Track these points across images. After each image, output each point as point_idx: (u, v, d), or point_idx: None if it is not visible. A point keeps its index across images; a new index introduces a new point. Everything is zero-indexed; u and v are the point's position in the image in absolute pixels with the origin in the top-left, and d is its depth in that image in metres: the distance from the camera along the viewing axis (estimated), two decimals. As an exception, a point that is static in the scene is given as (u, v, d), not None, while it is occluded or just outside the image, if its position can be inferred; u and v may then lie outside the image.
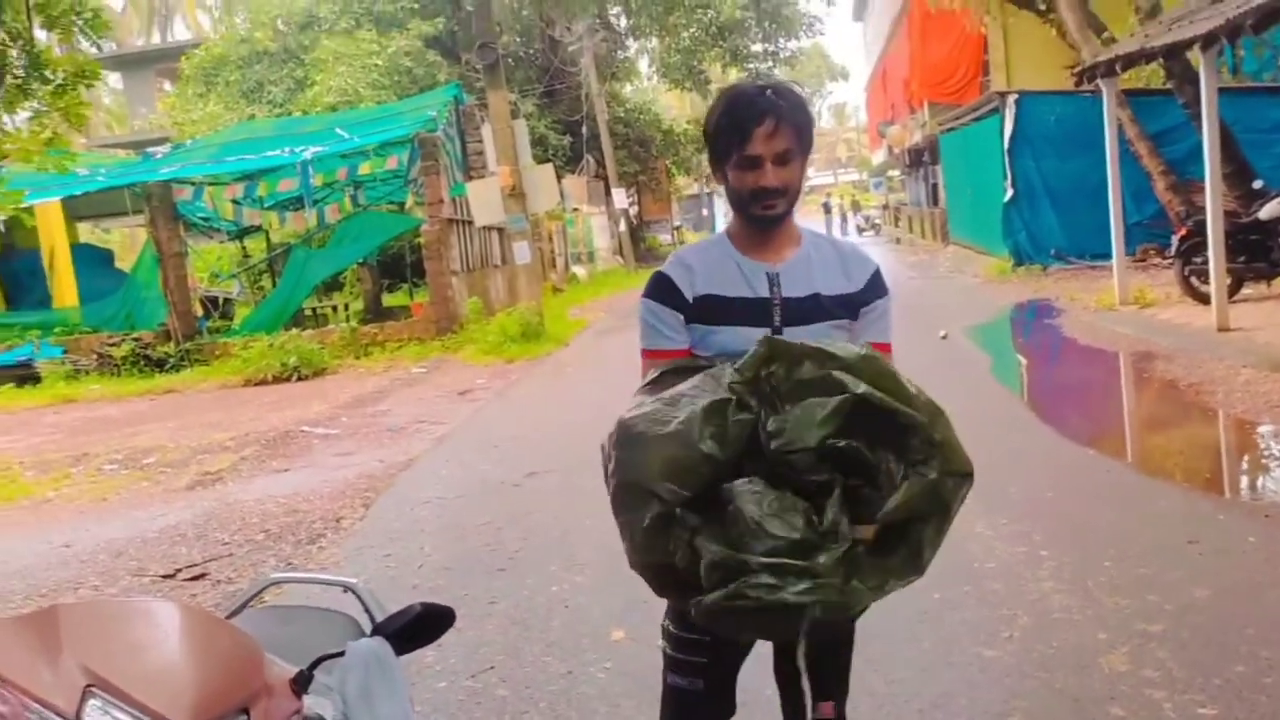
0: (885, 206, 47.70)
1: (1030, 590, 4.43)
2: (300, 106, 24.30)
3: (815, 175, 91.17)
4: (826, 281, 2.21)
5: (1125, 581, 4.42)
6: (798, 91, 2.19)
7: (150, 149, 20.61)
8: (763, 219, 2.17)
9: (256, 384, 14.00)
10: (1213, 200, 10.46)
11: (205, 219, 18.43)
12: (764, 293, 2.18)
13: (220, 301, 19.66)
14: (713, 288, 2.19)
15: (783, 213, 2.17)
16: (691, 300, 2.19)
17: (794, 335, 2.13)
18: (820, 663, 2.19)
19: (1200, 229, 11.16)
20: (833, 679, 2.29)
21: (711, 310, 2.18)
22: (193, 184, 17.21)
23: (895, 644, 3.98)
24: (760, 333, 2.13)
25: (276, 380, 14.02)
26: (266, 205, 17.99)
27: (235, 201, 17.45)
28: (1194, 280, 11.79)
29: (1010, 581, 4.54)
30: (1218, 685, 3.45)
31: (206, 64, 27.47)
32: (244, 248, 21.44)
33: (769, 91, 2.12)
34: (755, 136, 2.09)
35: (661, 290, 2.23)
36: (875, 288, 2.27)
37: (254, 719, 1.57)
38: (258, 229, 19.50)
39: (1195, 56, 11.31)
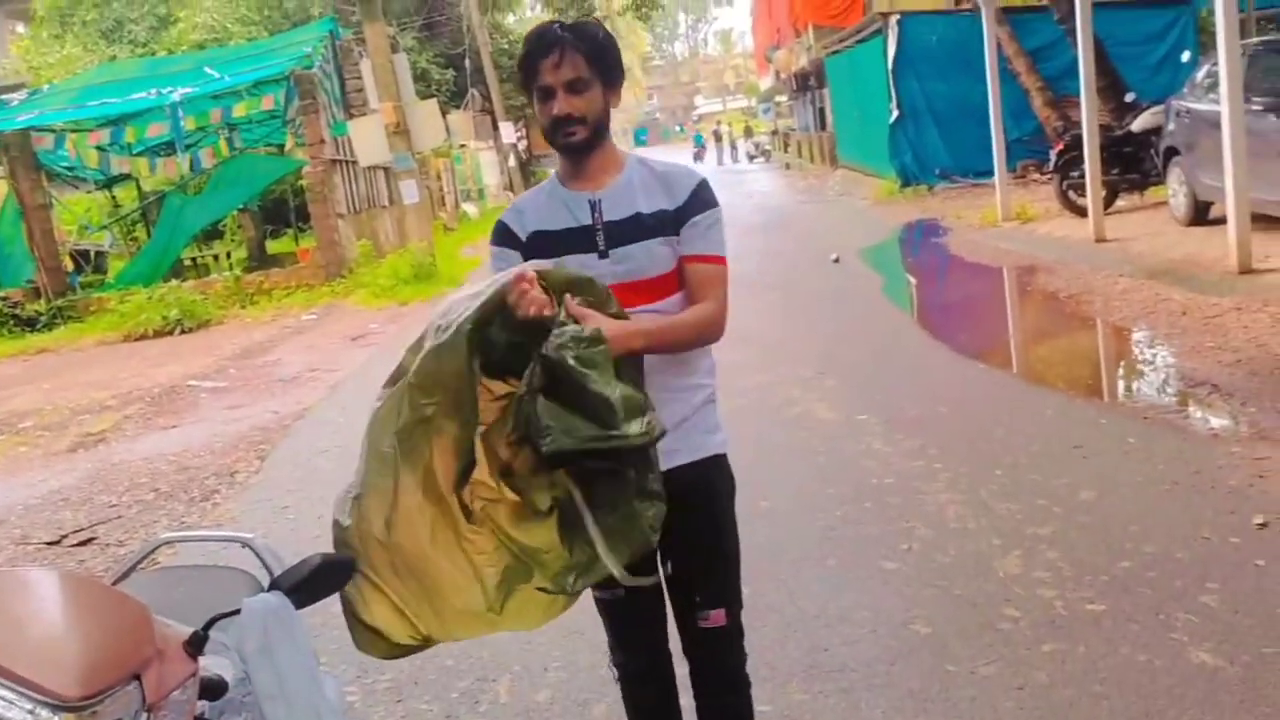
0: (775, 132, 47.86)
1: (927, 503, 4.56)
2: (165, 45, 23.13)
3: (704, 103, 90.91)
4: (648, 201, 2.26)
5: (1016, 488, 4.58)
6: (592, 26, 2.27)
7: (4, 96, 19.38)
8: (567, 147, 2.24)
9: (137, 339, 13.45)
10: (1088, 114, 10.75)
11: (69, 168, 17.50)
12: (586, 220, 2.25)
13: (92, 255, 18.74)
14: (541, 224, 2.30)
15: (584, 139, 2.23)
16: (524, 239, 2.31)
17: (619, 256, 2.24)
18: (701, 569, 2.32)
19: (1076, 143, 11.49)
20: (720, 585, 2.35)
21: (541, 245, 2.28)
22: (53, 131, 16.28)
23: (800, 563, 4.06)
24: (588, 259, 2.24)
25: (158, 334, 13.49)
26: (135, 151, 17.15)
27: (100, 148, 16.57)
28: (1072, 194, 12.16)
29: (908, 495, 4.66)
30: (1105, 581, 3.61)
31: (61, 3, 25.86)
32: (114, 197, 20.42)
33: (557, 26, 2.23)
34: (543, 68, 2.19)
35: (498, 235, 2.37)
36: (699, 200, 2.28)
37: (147, 685, 1.49)
38: (127, 177, 18.59)
39: (1069, -28, 11.51)
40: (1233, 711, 2.80)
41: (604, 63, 2.22)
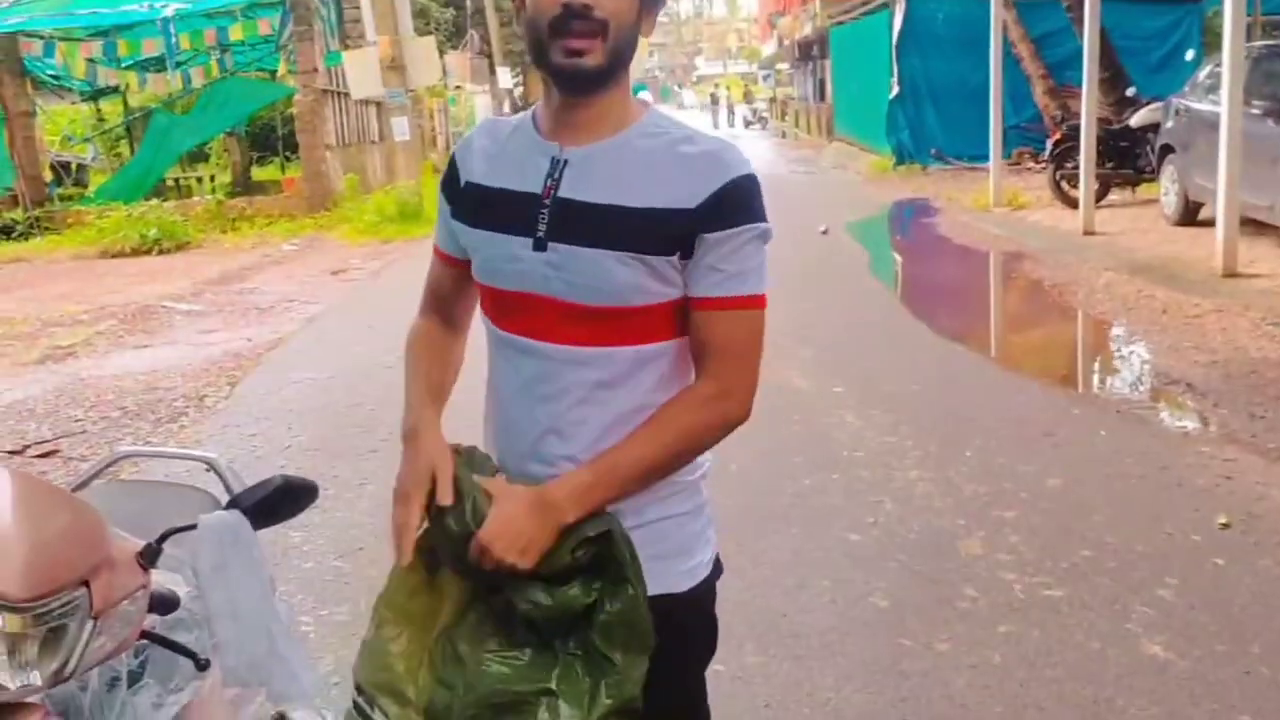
0: (773, 100, 47.56)
1: (896, 479, 4.56)
2: (161, -41, 22.58)
3: (705, 65, 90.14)
4: (642, 187, 1.41)
5: (984, 470, 4.59)
6: None
7: (-8, -3, 18.95)
8: (568, 72, 1.39)
9: (113, 256, 13.28)
10: (1088, 106, 10.71)
11: (55, 77, 17.18)
12: (537, 186, 1.45)
13: (73, 167, 18.49)
14: (484, 175, 1.52)
15: (596, 67, 1.39)
16: (463, 186, 1.55)
17: (562, 257, 1.42)
18: None
19: (1073, 134, 11.46)
20: None
21: (476, 205, 1.52)
22: (43, 38, 15.95)
23: (764, 528, 4.06)
24: (521, 244, 1.44)
25: (135, 252, 13.33)
26: (125, 65, 16.84)
27: (92, 60, 16.27)
28: (1064, 184, 12.15)
29: (877, 470, 4.67)
30: (1064, 568, 3.63)
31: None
32: (99, 110, 20.07)
33: None
34: None
35: (447, 171, 1.61)
36: (726, 208, 1.40)
37: (95, 592, 1.46)
38: (114, 90, 18.28)
39: (1081, -39, 11.43)
40: (1181, 704, 2.82)
41: None
